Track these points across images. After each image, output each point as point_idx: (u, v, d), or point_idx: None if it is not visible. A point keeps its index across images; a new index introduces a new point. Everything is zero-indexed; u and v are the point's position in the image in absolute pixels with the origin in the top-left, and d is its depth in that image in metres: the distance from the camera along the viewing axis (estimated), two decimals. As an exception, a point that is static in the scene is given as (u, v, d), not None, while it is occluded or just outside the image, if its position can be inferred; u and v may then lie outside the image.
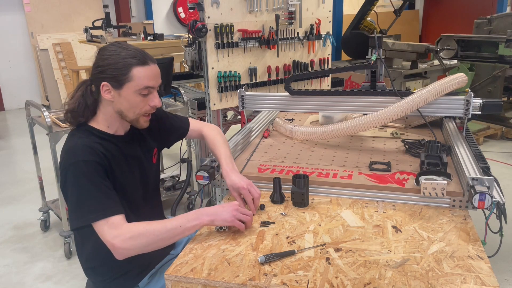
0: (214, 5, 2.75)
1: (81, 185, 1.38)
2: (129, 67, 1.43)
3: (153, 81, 1.47)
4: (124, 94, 1.45)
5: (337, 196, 1.67)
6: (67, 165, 1.41)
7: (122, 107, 1.48)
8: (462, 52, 4.91)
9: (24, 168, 4.64)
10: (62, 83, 7.03)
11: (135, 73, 1.43)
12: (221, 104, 2.96)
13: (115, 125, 1.54)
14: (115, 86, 1.45)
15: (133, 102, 1.47)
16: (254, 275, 1.19)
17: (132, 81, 1.44)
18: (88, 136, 1.48)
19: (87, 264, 1.63)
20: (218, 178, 1.79)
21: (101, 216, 1.35)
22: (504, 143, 5.00)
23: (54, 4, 7.21)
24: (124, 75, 1.43)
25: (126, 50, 1.46)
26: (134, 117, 1.50)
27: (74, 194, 1.39)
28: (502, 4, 7.45)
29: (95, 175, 1.40)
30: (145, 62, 1.45)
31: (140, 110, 1.50)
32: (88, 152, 1.42)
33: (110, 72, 1.43)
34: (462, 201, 1.54)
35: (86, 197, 1.38)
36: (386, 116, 1.83)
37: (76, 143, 1.45)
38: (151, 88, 1.48)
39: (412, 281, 1.14)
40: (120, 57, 1.44)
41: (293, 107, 2.12)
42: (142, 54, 1.46)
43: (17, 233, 3.32)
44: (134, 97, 1.46)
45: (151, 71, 1.47)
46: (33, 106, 3.02)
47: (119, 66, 1.43)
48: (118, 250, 1.33)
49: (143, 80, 1.44)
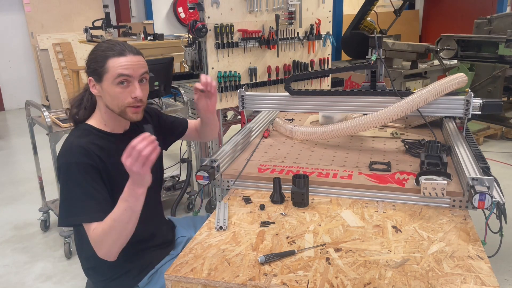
0: (214, 5, 2.75)
1: (69, 186, 1.40)
2: (105, 59, 1.43)
3: (129, 70, 1.44)
4: (104, 86, 1.46)
5: (337, 196, 1.67)
6: (60, 163, 1.43)
7: (106, 101, 1.48)
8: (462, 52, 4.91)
9: (24, 168, 4.64)
10: (62, 83, 7.03)
11: (110, 64, 1.43)
12: (221, 104, 2.96)
13: (111, 123, 1.54)
14: (97, 79, 1.46)
15: (113, 94, 1.45)
16: (254, 275, 1.19)
17: (108, 72, 1.43)
18: (86, 135, 1.48)
19: (88, 264, 1.63)
20: (218, 178, 1.79)
21: (82, 220, 1.37)
22: (504, 143, 5.00)
23: (54, 4, 7.21)
24: (102, 67, 1.44)
25: (108, 44, 1.47)
26: (119, 109, 1.48)
27: (62, 194, 1.42)
28: (502, 4, 7.45)
29: (84, 177, 1.40)
30: (121, 53, 1.44)
31: (123, 102, 1.47)
32: (82, 153, 1.41)
33: (92, 67, 1.46)
34: (462, 201, 1.54)
35: (71, 199, 1.39)
36: (386, 116, 1.83)
37: (72, 143, 1.45)
38: (128, 77, 1.44)
39: (412, 281, 1.14)
40: (99, 51, 1.45)
41: (293, 107, 2.12)
42: (122, 47, 1.45)
43: (17, 233, 3.32)
44: (113, 88, 1.45)
45: (126, 60, 1.44)
46: (33, 106, 3.02)
47: (98, 59, 1.45)
48: (100, 256, 1.37)
49: (117, 69, 1.43)
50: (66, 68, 7.02)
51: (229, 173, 1.82)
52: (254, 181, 1.77)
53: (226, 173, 1.81)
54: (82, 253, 1.63)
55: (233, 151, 1.97)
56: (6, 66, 7.19)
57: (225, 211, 1.55)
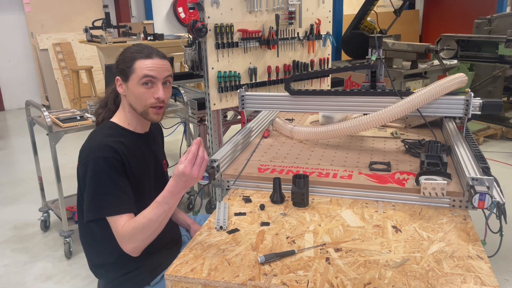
0: (214, 5, 2.75)
1: (99, 180, 1.46)
2: (133, 60, 1.54)
3: (154, 71, 1.54)
4: (130, 86, 1.56)
5: (337, 196, 1.67)
6: (88, 159, 1.48)
7: (131, 100, 1.58)
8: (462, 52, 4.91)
9: (24, 168, 4.64)
10: (62, 83, 7.03)
11: (137, 65, 1.53)
12: (221, 104, 2.96)
13: (134, 122, 1.64)
14: (123, 79, 1.57)
15: (138, 94, 1.55)
16: (254, 275, 1.19)
17: (135, 72, 1.53)
18: (111, 133, 1.57)
19: (99, 263, 1.65)
20: (218, 178, 1.79)
21: (114, 212, 1.44)
22: (504, 143, 5.00)
23: (54, 4, 7.21)
24: (129, 68, 1.54)
25: (137, 47, 1.58)
26: (142, 109, 1.58)
27: (92, 188, 1.47)
28: (502, 4, 7.45)
29: (113, 172, 1.48)
30: (149, 56, 1.54)
31: (146, 102, 1.56)
32: (108, 150, 1.49)
33: (120, 67, 1.57)
34: (462, 201, 1.54)
35: (102, 192, 1.46)
36: (386, 116, 1.83)
37: (99, 140, 1.53)
38: (152, 78, 1.54)
39: (412, 281, 1.14)
40: (129, 53, 1.57)
41: (293, 107, 2.12)
42: (150, 50, 1.57)
43: (17, 233, 3.32)
44: (138, 88, 1.54)
45: (152, 63, 1.54)
46: (33, 106, 3.02)
47: (126, 60, 1.55)
48: (128, 250, 1.45)
49: (143, 70, 1.53)
50: (66, 68, 7.03)
51: (229, 173, 1.82)
52: (254, 181, 1.77)
53: (226, 173, 1.81)
54: (92, 252, 1.66)
55: (233, 151, 1.97)
56: (6, 66, 7.19)
57: (225, 211, 1.55)
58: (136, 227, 1.41)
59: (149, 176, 1.66)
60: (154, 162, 1.72)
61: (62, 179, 2.89)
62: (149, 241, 1.45)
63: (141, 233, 1.42)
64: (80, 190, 1.58)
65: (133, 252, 1.45)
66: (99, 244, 1.62)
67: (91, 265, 1.68)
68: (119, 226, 1.44)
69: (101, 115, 1.69)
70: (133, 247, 1.44)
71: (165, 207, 1.40)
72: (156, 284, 1.63)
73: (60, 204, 2.91)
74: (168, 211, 1.41)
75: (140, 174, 1.59)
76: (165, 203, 1.39)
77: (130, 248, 1.44)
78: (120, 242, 1.45)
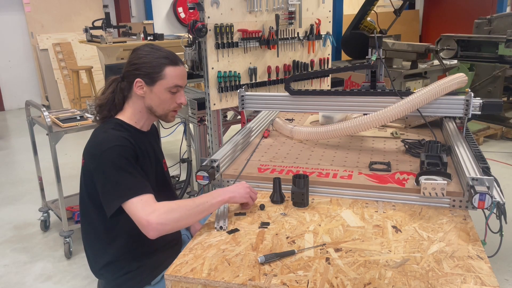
0: (214, 5, 2.75)
1: (118, 166, 1.48)
2: (162, 66, 1.58)
3: (182, 80, 1.63)
4: (155, 90, 1.60)
5: (337, 196, 1.67)
6: (103, 150, 1.49)
7: (152, 102, 1.62)
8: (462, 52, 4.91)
9: (24, 168, 4.64)
10: (62, 83, 7.03)
11: (167, 72, 1.59)
12: (221, 104, 2.96)
13: (142, 121, 1.68)
14: (148, 82, 1.60)
15: (163, 99, 1.61)
16: (254, 275, 1.19)
17: (164, 79, 1.59)
18: (119, 129, 1.59)
19: (101, 262, 1.65)
20: (218, 178, 1.79)
21: (138, 192, 1.45)
22: (504, 143, 5.00)
23: (54, 4, 7.21)
24: (157, 73, 1.58)
25: (159, 51, 1.62)
26: (163, 112, 1.65)
27: (112, 176, 1.47)
28: (502, 4, 7.45)
29: (130, 158, 1.51)
30: (176, 63, 1.61)
31: (169, 106, 1.64)
32: (122, 139, 1.53)
33: (145, 70, 1.58)
34: (462, 201, 1.54)
35: (123, 177, 1.47)
36: (386, 116, 1.83)
37: (109, 133, 1.55)
38: (180, 87, 1.64)
39: (412, 281, 1.14)
40: (154, 57, 1.59)
41: (293, 107, 2.12)
42: (174, 56, 1.63)
43: (17, 233, 3.32)
44: (165, 94, 1.61)
45: (181, 71, 1.63)
46: (33, 106, 3.02)
47: (154, 65, 1.58)
48: (152, 226, 1.39)
49: (174, 79, 1.60)
50: (66, 68, 7.03)
51: (229, 173, 1.82)
52: (254, 181, 1.77)
53: (226, 173, 1.81)
54: (94, 251, 1.66)
55: (233, 151, 1.97)
56: (6, 66, 7.19)
57: (225, 211, 1.55)
58: (177, 204, 1.45)
59: (151, 173, 1.67)
60: (155, 159, 1.73)
61: (62, 179, 2.89)
62: (175, 226, 1.44)
63: (178, 211, 1.43)
64: (85, 188, 1.58)
65: (155, 229, 1.40)
66: (102, 244, 1.62)
67: (92, 265, 1.68)
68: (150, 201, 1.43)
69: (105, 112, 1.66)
70: (161, 222, 1.40)
71: (208, 198, 1.48)
72: (156, 283, 1.63)
73: (60, 204, 2.91)
74: (208, 204, 1.47)
75: (145, 170, 1.61)
76: (210, 195, 1.49)
77: (157, 223, 1.39)
78: (149, 216, 1.39)
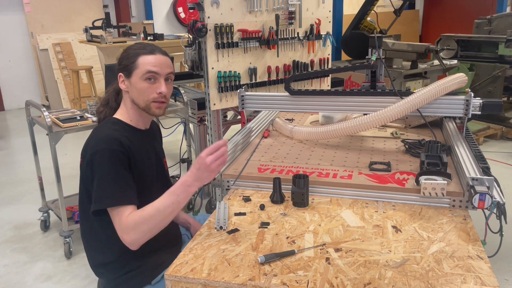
0: (214, 5, 2.75)
1: (104, 171, 1.48)
2: (136, 56, 1.58)
3: (157, 67, 1.58)
4: (133, 81, 1.59)
5: (337, 196, 1.67)
6: (94, 152, 1.49)
7: (133, 95, 1.61)
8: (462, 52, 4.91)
9: (24, 168, 4.64)
10: (62, 83, 7.02)
11: (141, 61, 1.57)
12: (221, 104, 2.96)
13: (136, 118, 1.66)
14: (126, 75, 1.60)
15: (141, 89, 1.58)
16: (254, 275, 1.19)
17: (138, 68, 1.57)
18: (116, 128, 1.59)
19: (99, 262, 1.65)
20: (218, 178, 1.79)
21: (118, 203, 1.44)
22: (504, 143, 5.00)
23: (54, 4, 7.20)
24: (132, 63, 1.58)
25: (140, 44, 1.62)
26: (144, 104, 1.61)
27: (97, 179, 1.48)
28: (502, 4, 7.44)
29: (119, 164, 1.49)
30: (151, 52, 1.59)
31: (148, 97, 1.59)
32: (114, 142, 1.51)
33: (123, 63, 1.60)
34: (462, 201, 1.54)
35: (107, 183, 1.47)
36: (386, 116, 1.83)
37: (104, 134, 1.55)
38: (155, 74, 1.58)
39: (412, 281, 1.14)
40: (132, 50, 1.61)
41: (293, 107, 2.12)
42: (152, 47, 1.61)
43: (17, 233, 3.32)
44: (141, 83, 1.58)
45: (155, 59, 1.58)
46: (33, 106, 3.02)
47: (129, 56, 1.59)
48: (127, 242, 1.43)
49: (146, 66, 1.57)
50: (66, 68, 7.02)
51: (229, 173, 1.82)
52: (254, 181, 1.77)
53: (226, 173, 1.81)
54: (94, 251, 1.66)
55: (233, 151, 1.97)
56: (6, 66, 7.19)
57: (225, 211, 1.55)
58: (142, 216, 1.42)
59: (151, 172, 1.67)
60: (155, 158, 1.73)
61: (62, 179, 2.88)
62: (150, 234, 1.44)
63: (146, 223, 1.42)
64: (83, 187, 1.59)
65: (132, 244, 1.44)
66: (101, 243, 1.62)
67: (92, 264, 1.68)
68: (122, 216, 1.43)
69: (103, 113, 1.70)
70: (134, 238, 1.42)
71: (173, 198, 1.42)
72: (157, 283, 1.63)
73: (60, 204, 2.91)
74: (176, 204, 1.42)
75: (143, 169, 1.61)
76: (175, 194, 1.43)
77: (130, 240, 1.43)
78: (122, 233, 1.43)
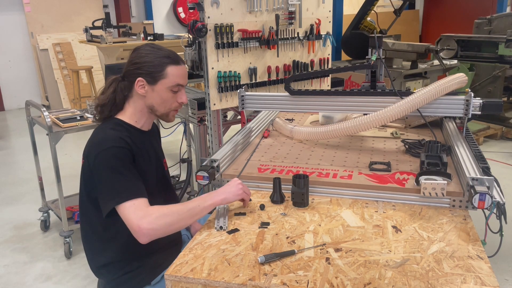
0: (214, 5, 2.75)
1: (112, 167, 1.48)
2: (164, 65, 1.59)
3: (183, 79, 1.64)
4: (157, 89, 1.60)
5: (337, 196, 1.67)
6: (100, 150, 1.49)
7: (154, 102, 1.62)
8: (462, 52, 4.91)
9: (24, 168, 4.64)
10: (62, 83, 7.03)
11: (169, 71, 1.59)
12: (221, 104, 2.96)
13: (142, 120, 1.68)
14: (149, 81, 1.60)
15: (165, 98, 1.62)
16: (254, 275, 1.19)
17: (166, 78, 1.59)
18: (119, 129, 1.59)
19: (99, 262, 1.65)
20: (218, 178, 1.79)
21: (130, 196, 1.44)
22: (504, 143, 5.00)
23: (54, 4, 7.21)
24: (159, 72, 1.58)
25: (160, 50, 1.62)
26: (164, 111, 1.65)
27: (107, 177, 1.47)
28: (502, 4, 7.45)
29: (126, 160, 1.51)
30: (178, 62, 1.62)
31: (170, 105, 1.65)
32: (119, 140, 1.53)
33: (147, 69, 1.58)
34: (462, 201, 1.54)
35: (117, 179, 1.47)
36: (386, 116, 1.83)
37: (108, 134, 1.55)
38: (181, 86, 1.64)
39: (412, 281, 1.14)
40: (156, 56, 1.59)
41: (293, 107, 2.12)
42: (175, 55, 1.63)
43: (17, 233, 3.32)
44: (166, 93, 1.61)
45: (182, 70, 1.63)
46: (33, 106, 3.02)
47: (155, 64, 1.58)
48: (143, 231, 1.40)
49: (176, 78, 1.61)
50: (66, 68, 7.03)
51: (229, 173, 1.82)
52: (254, 181, 1.77)
53: (226, 173, 1.81)
54: (94, 251, 1.66)
55: (233, 151, 1.97)
56: (6, 66, 7.19)
57: (225, 211, 1.55)
58: (169, 208, 1.45)
59: (151, 172, 1.67)
60: (156, 159, 1.74)
61: (62, 179, 2.89)
62: (167, 230, 1.44)
63: (169, 216, 1.43)
64: (84, 188, 1.58)
65: (146, 235, 1.40)
66: (101, 243, 1.62)
67: (92, 265, 1.68)
68: (140, 206, 1.42)
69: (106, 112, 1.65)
70: (152, 228, 1.39)
71: (199, 202, 1.47)
72: (157, 283, 1.63)
73: (60, 204, 2.91)
74: (199, 208, 1.46)
75: (144, 170, 1.61)
76: (201, 199, 1.48)
77: (148, 228, 1.39)
78: (140, 221, 1.39)
